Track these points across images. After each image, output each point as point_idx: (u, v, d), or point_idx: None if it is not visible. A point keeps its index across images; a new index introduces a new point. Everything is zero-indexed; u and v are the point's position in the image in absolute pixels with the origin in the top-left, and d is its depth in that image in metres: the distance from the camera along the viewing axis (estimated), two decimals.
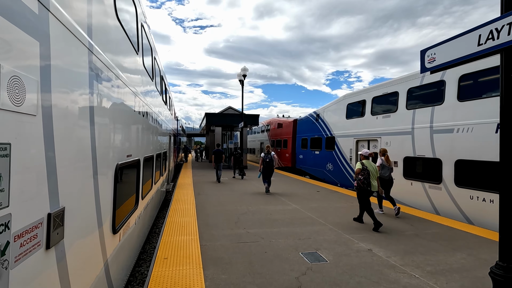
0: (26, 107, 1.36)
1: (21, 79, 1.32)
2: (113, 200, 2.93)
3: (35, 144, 1.48)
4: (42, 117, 1.51)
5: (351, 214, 7.29)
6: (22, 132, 1.36)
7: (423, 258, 4.48)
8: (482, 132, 6.83)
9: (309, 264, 4.15)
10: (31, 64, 1.44)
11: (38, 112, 1.48)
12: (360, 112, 11.77)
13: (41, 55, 1.50)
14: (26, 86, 1.36)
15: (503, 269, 2.83)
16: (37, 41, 1.47)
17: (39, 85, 1.48)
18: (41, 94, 1.50)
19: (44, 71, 1.53)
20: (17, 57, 1.33)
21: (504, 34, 2.79)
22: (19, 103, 1.31)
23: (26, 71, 1.37)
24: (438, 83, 8.15)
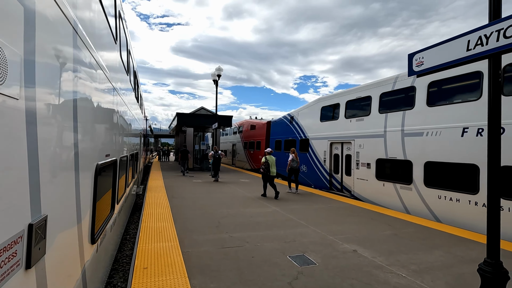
0: (8, 86, 1.05)
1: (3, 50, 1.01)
2: (92, 204, 2.56)
3: (17, 136, 1.17)
4: (25, 103, 1.20)
5: (331, 215, 7.37)
6: (4, 120, 1.06)
7: (406, 257, 4.60)
8: (449, 135, 7.29)
9: (299, 268, 4.05)
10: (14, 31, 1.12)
11: (21, 96, 1.16)
12: (334, 115, 12.07)
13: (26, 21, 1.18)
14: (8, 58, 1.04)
15: (491, 266, 2.94)
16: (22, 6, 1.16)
17: (23, 61, 1.16)
18: (25, 74, 1.19)
19: (29, 46, 1.22)
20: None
21: (492, 40, 2.90)
22: (1, 79, 1.00)
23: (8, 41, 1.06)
24: (409, 88, 8.59)
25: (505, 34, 2.79)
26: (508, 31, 2.78)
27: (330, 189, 12.18)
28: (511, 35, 2.75)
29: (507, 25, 2.78)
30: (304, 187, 12.50)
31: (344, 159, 11.41)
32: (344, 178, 11.39)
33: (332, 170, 12.20)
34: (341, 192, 11.45)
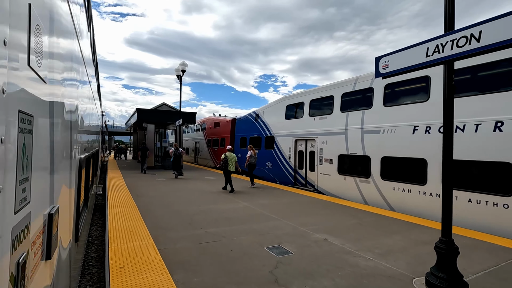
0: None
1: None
2: (76, 201, 2.42)
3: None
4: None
5: (299, 208, 7.72)
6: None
7: (370, 242, 5.05)
8: (403, 133, 8.09)
9: (278, 258, 4.23)
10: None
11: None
12: (299, 114, 12.56)
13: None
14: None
15: (445, 243, 3.41)
16: None
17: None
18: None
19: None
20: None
21: (447, 48, 3.35)
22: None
23: None
24: (367, 89, 9.32)
25: (458, 44, 3.24)
26: (460, 41, 3.23)
27: (295, 184, 12.67)
28: (462, 45, 3.20)
29: (459, 36, 3.23)
30: (270, 183, 12.84)
31: (308, 155, 11.96)
32: (308, 174, 11.95)
33: (297, 166, 12.70)
34: (305, 187, 12.00)
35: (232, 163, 10.38)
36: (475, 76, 6.78)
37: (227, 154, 10.44)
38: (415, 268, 3.98)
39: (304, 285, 3.40)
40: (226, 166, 10.27)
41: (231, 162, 10.35)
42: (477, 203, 6.35)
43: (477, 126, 6.41)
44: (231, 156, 10.46)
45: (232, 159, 10.42)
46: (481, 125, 6.36)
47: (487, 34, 3.00)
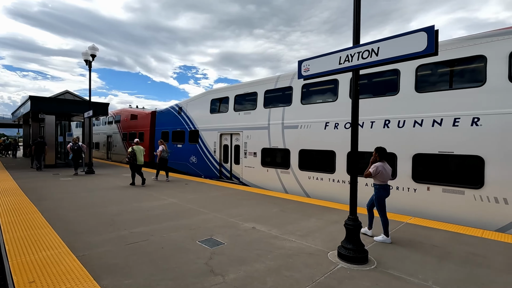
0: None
1: None
2: None
3: None
4: None
5: (227, 201, 7.94)
6: None
7: (292, 226, 5.65)
8: (316, 128, 9.16)
9: (211, 249, 4.34)
10: None
11: None
12: (224, 108, 12.74)
13: None
14: None
15: (352, 220, 4.13)
16: None
17: None
18: None
19: None
20: None
21: (355, 59, 4.02)
22: None
23: None
24: (287, 88, 10.14)
25: (362, 56, 3.93)
26: (364, 53, 3.92)
27: (220, 178, 12.86)
28: (366, 57, 3.89)
29: (363, 50, 3.92)
30: (195, 178, 12.70)
31: (233, 149, 12.29)
32: (233, 167, 12.30)
33: (222, 159, 12.90)
34: (231, 180, 12.33)
35: (141, 155, 10.53)
36: (371, 82, 8.19)
37: (135, 148, 10.47)
38: (329, 244, 4.68)
39: (239, 271, 3.63)
40: (134, 160, 10.26)
41: (140, 155, 10.44)
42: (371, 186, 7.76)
43: (372, 123, 7.79)
44: (139, 149, 10.53)
45: (141, 152, 10.55)
46: (375, 122, 7.75)
47: (383, 50, 3.74)
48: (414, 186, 7.03)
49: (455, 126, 6.45)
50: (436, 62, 6.78)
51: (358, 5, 4.05)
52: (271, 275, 3.53)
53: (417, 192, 6.98)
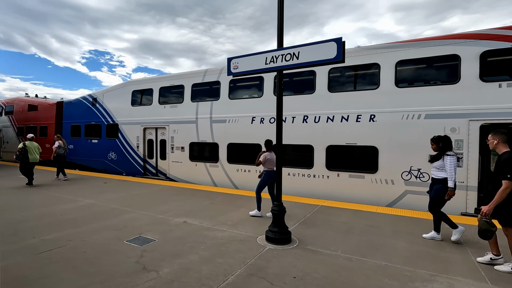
0: None
1: None
2: None
3: None
4: None
5: (154, 198, 7.66)
6: None
7: (223, 217, 5.88)
8: (243, 122, 9.55)
9: (141, 248, 4.22)
10: None
11: None
12: (148, 101, 12.01)
13: None
14: None
15: (277, 206, 4.59)
16: None
17: None
18: None
19: None
20: None
21: (279, 60, 4.44)
22: None
23: None
24: (215, 82, 10.23)
25: (286, 58, 4.37)
26: (287, 56, 4.36)
27: (144, 174, 12.17)
28: (289, 59, 4.34)
29: (286, 53, 4.36)
30: (115, 176, 11.71)
31: (159, 144, 11.76)
32: (159, 162, 11.79)
33: (146, 155, 12.20)
34: (157, 176, 11.80)
35: (36, 152, 9.61)
36: (292, 81, 8.98)
37: (27, 143, 9.52)
38: (258, 230, 5.09)
39: (173, 265, 3.67)
40: (25, 158, 9.28)
41: (33, 152, 9.49)
42: (293, 175, 8.60)
43: (293, 118, 8.59)
44: (33, 145, 9.64)
45: (35, 148, 9.64)
46: (295, 118, 8.56)
47: (303, 55, 4.23)
48: (327, 174, 8.10)
49: (357, 121, 7.68)
50: (344, 66, 7.89)
51: (281, 13, 4.46)
52: (206, 264, 3.69)
53: (330, 179, 8.07)
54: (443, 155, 4.48)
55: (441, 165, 4.48)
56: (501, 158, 3.65)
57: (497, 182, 3.58)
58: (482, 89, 6.35)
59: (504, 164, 3.53)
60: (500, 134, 3.74)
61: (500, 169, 3.55)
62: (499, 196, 3.47)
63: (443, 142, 4.57)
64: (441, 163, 4.49)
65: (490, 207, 3.53)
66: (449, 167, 4.38)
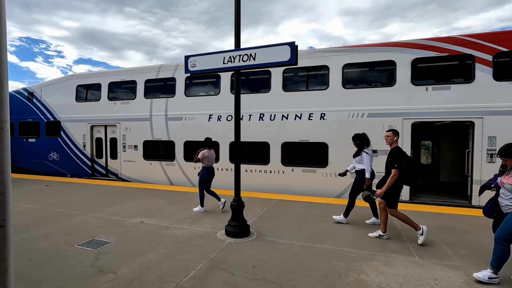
0: None
1: None
2: None
3: None
4: None
5: (106, 199, 7.29)
6: None
7: (182, 215, 5.87)
8: (200, 120, 9.51)
9: (95, 251, 4.05)
10: None
11: None
12: (95, 96, 11.22)
13: None
14: None
15: (236, 201, 4.77)
16: None
17: None
18: None
19: None
20: None
21: (237, 60, 4.59)
22: None
23: None
24: (170, 79, 9.99)
25: (243, 59, 4.53)
26: (244, 57, 4.53)
27: (93, 175, 11.38)
28: (246, 60, 4.51)
29: (243, 54, 4.53)
30: (58, 178, 10.76)
31: (109, 143, 11.09)
32: (110, 162, 11.12)
33: (95, 155, 11.41)
34: (107, 177, 11.12)
35: None
36: (249, 80, 9.20)
37: None
38: (218, 225, 5.20)
39: (132, 265, 3.62)
40: None
41: None
42: (250, 171, 8.85)
43: (250, 116, 8.82)
44: None
45: None
46: (252, 115, 8.81)
47: (259, 56, 4.44)
48: (283, 169, 8.52)
49: (310, 119, 8.20)
50: (297, 67, 8.33)
51: (238, 14, 4.61)
52: (167, 262, 3.71)
53: (285, 174, 8.50)
54: (361, 151, 5.20)
55: (360, 159, 5.26)
56: (392, 151, 4.48)
57: (387, 171, 4.42)
58: (413, 92, 7.28)
59: (394, 156, 4.37)
60: (396, 132, 4.63)
61: (391, 160, 4.38)
62: (390, 182, 4.28)
63: (361, 140, 5.29)
64: (360, 157, 5.25)
65: (382, 190, 4.35)
66: (365, 161, 5.14)
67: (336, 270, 3.50)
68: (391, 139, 4.60)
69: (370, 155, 5.18)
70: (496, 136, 6.68)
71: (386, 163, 4.52)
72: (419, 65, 7.36)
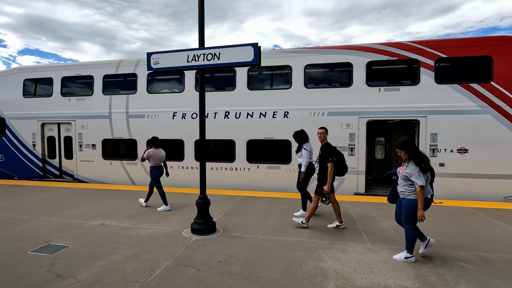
0: None
1: None
2: None
3: None
4: None
5: (61, 202, 6.87)
6: None
7: (146, 216, 5.76)
8: (164, 118, 9.29)
9: (52, 256, 3.85)
10: None
11: None
12: (46, 91, 10.38)
13: None
14: None
15: (202, 199, 4.81)
16: None
17: None
18: None
19: None
20: None
21: (201, 59, 4.61)
22: None
23: None
24: (131, 75, 9.59)
25: (207, 58, 4.57)
26: (208, 56, 4.57)
27: (45, 177, 10.55)
28: (210, 59, 4.55)
29: (208, 53, 4.56)
30: (3, 181, 9.82)
31: (63, 142, 10.35)
32: (64, 163, 10.40)
33: (46, 155, 10.58)
34: (61, 178, 10.39)
35: None
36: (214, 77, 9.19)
37: None
38: (183, 224, 5.20)
39: (93, 268, 3.51)
40: None
41: None
42: (216, 169, 8.88)
43: (215, 114, 8.83)
44: None
45: None
46: (217, 113, 8.83)
47: (223, 56, 4.51)
48: (248, 166, 8.68)
49: (274, 117, 8.45)
50: (262, 66, 8.52)
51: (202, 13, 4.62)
52: (130, 262, 3.65)
53: (250, 171, 8.67)
54: (301, 147, 5.63)
55: (301, 154, 5.65)
56: (324, 147, 4.97)
57: (323, 165, 4.89)
58: (367, 92, 7.85)
59: (327, 151, 4.88)
60: (327, 130, 5.16)
61: (325, 155, 4.87)
62: (330, 175, 4.76)
63: (301, 137, 5.70)
64: (301, 153, 5.65)
65: (328, 185, 4.79)
66: (304, 157, 5.52)
67: (297, 260, 3.73)
68: (323, 136, 5.08)
69: (308, 150, 5.54)
70: (437, 133, 7.48)
71: (320, 158, 4.99)
72: (373, 67, 7.95)
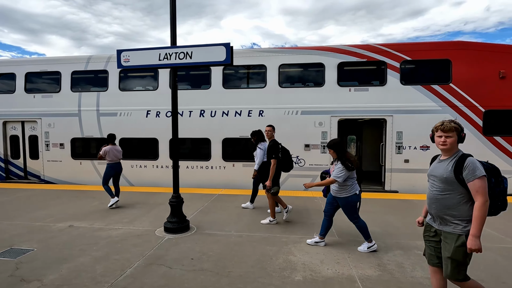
0: None
1: None
2: None
3: None
4: None
5: (25, 205, 6.55)
6: None
7: (117, 216, 5.64)
8: (137, 116, 9.08)
9: (15, 260, 3.70)
10: None
11: None
12: (8, 88, 9.78)
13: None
14: None
15: (175, 198, 4.81)
16: None
17: None
18: None
19: None
20: None
21: (173, 58, 4.60)
22: None
23: None
24: (102, 71, 9.27)
25: (179, 56, 4.56)
26: (180, 55, 4.56)
27: (8, 178, 9.96)
28: (182, 58, 4.55)
29: (180, 51, 4.56)
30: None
31: (28, 141, 9.82)
32: (30, 163, 9.86)
33: (9, 155, 9.98)
34: (26, 180, 9.86)
35: None
36: (189, 75, 9.11)
37: None
38: (156, 223, 5.17)
39: (60, 270, 3.42)
40: None
41: None
42: (192, 168, 8.84)
43: (191, 112, 8.77)
44: None
45: None
46: (192, 112, 8.77)
47: (196, 55, 4.52)
48: (224, 164, 8.72)
49: (249, 116, 8.55)
50: (237, 65, 8.56)
51: (173, 12, 4.60)
52: (100, 263, 3.60)
53: (226, 169, 8.71)
54: (256, 146, 5.80)
55: (257, 153, 5.80)
56: (270, 144, 5.25)
57: (267, 160, 5.20)
58: (338, 92, 8.16)
59: (272, 148, 5.12)
60: (274, 127, 5.49)
61: (270, 151, 5.13)
62: (272, 171, 5.00)
63: (257, 136, 5.88)
64: (256, 152, 5.81)
65: (269, 181, 5.01)
66: (257, 156, 5.71)
67: (268, 254, 3.86)
68: (270, 134, 5.38)
69: (263, 150, 5.72)
70: (402, 131, 7.94)
71: (267, 154, 5.28)
72: (344, 68, 8.26)
